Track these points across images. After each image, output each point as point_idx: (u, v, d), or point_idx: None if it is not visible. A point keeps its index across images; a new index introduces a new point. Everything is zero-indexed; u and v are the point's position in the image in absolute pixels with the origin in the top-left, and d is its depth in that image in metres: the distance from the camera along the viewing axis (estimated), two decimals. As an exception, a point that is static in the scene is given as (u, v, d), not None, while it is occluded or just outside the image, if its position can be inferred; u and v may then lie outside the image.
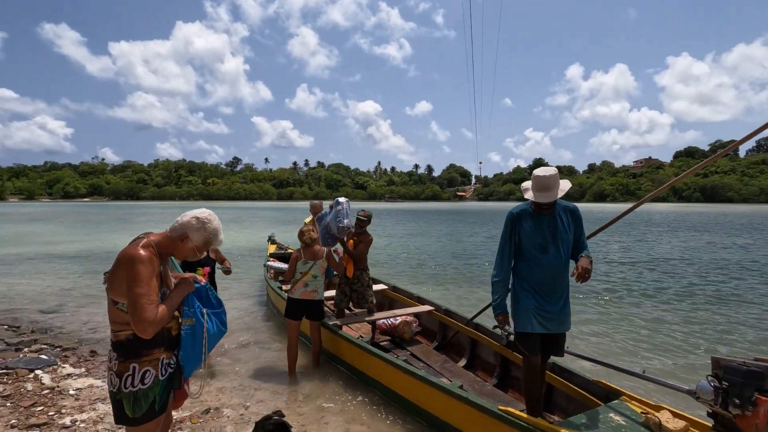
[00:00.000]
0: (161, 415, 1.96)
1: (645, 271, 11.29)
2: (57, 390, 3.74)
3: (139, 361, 1.83)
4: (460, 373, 4.11)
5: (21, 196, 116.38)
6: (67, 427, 3.09)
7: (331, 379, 4.12)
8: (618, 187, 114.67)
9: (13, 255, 13.85)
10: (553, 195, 2.62)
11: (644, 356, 5.12)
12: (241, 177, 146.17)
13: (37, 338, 5.21)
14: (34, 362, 4.28)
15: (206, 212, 2.03)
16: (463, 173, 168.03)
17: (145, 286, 1.76)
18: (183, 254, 1.99)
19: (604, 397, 2.88)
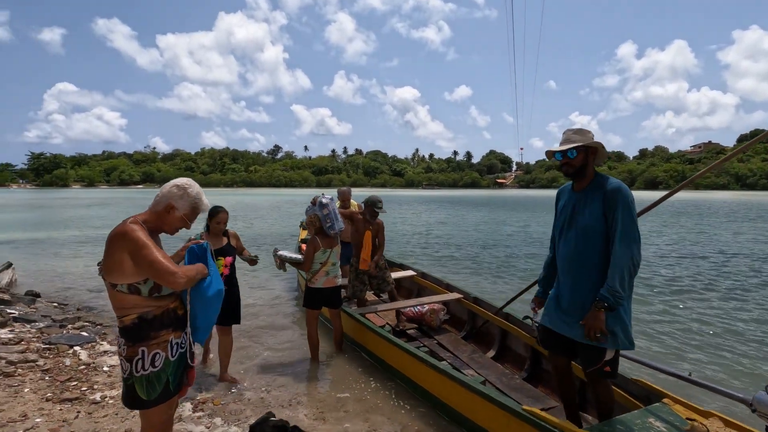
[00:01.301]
0: (176, 395, 1.94)
1: (695, 263, 10.46)
2: (92, 366, 3.90)
3: (147, 345, 1.81)
4: (488, 365, 3.92)
5: (83, 183, 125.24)
6: (96, 402, 3.20)
7: (353, 366, 4.05)
8: (672, 173, 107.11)
9: (72, 237, 14.87)
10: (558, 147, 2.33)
11: (691, 358, 4.69)
12: (282, 165, 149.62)
13: (81, 316, 5.50)
14: (75, 338, 4.50)
15: (184, 179, 2.00)
16: (504, 160, 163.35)
17: (151, 247, 1.74)
18: (173, 226, 1.94)
19: (644, 398, 2.61)
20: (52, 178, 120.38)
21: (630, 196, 2.11)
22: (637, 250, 2.09)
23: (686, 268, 9.80)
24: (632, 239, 2.09)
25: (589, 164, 2.28)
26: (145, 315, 1.81)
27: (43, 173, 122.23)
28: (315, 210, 4.00)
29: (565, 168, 2.30)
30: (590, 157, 2.27)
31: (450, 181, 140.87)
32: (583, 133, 2.29)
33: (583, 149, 2.26)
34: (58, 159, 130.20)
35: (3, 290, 6.34)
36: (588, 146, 2.26)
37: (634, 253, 2.08)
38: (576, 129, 2.31)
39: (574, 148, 2.24)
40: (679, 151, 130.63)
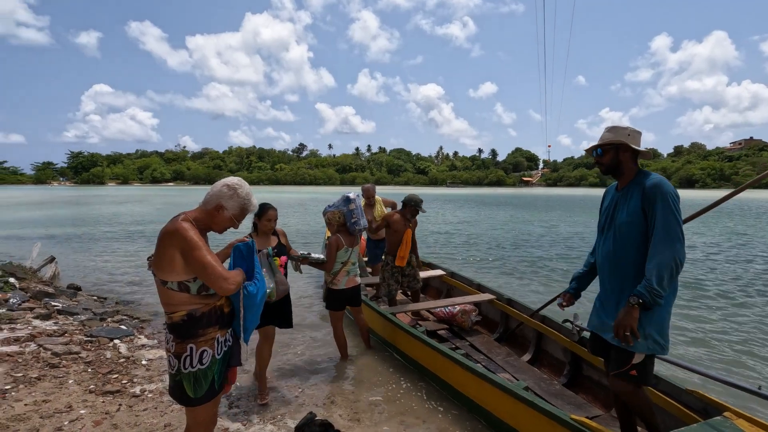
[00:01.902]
0: (221, 393, 1.95)
1: (750, 266, 9.91)
2: (131, 359, 4.00)
3: (195, 342, 1.82)
4: (524, 369, 3.80)
5: (118, 181, 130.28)
6: (136, 396, 3.27)
7: (385, 366, 4.00)
8: (710, 171, 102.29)
9: (108, 232, 15.43)
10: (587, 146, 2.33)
11: (750, 367, 4.42)
12: (307, 163, 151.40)
13: (119, 309, 5.66)
14: (115, 332, 4.63)
15: (235, 179, 1.99)
16: (530, 157, 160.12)
17: (203, 248, 1.76)
18: (221, 225, 1.94)
19: (701, 411, 2.45)
20: (89, 176, 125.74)
21: (671, 191, 2.01)
22: (680, 247, 1.97)
23: (738, 271, 9.30)
24: (674, 235, 1.96)
25: (622, 162, 2.19)
26: (193, 312, 1.81)
27: (81, 171, 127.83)
28: (338, 206, 3.93)
29: (598, 167, 2.29)
30: (623, 155, 2.19)
31: (474, 179, 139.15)
32: (615, 130, 2.22)
33: (612, 147, 2.20)
34: (95, 158, 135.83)
35: (47, 283, 6.62)
36: (616, 143, 2.18)
37: (677, 250, 1.96)
38: (610, 126, 2.25)
39: (601, 146, 2.23)
40: (718, 148, 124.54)
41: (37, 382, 3.35)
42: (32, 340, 4.19)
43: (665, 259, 1.94)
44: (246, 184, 2.00)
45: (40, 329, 4.51)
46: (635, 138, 2.19)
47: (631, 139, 2.16)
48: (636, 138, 2.19)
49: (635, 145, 2.16)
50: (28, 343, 4.09)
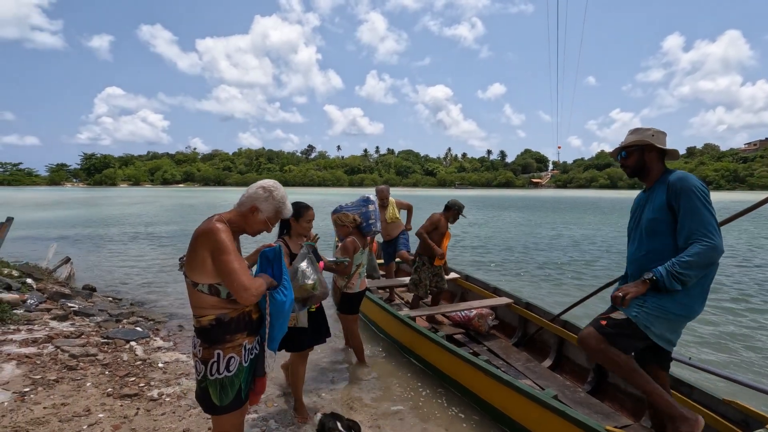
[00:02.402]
0: (246, 402, 1.91)
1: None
2: (148, 362, 3.98)
3: (223, 348, 1.78)
4: (545, 375, 3.71)
5: (129, 182, 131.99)
6: (154, 399, 3.24)
7: (403, 372, 3.93)
8: (724, 173, 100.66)
9: (122, 233, 15.58)
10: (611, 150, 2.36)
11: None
12: (315, 164, 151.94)
13: (134, 311, 5.67)
14: (131, 333, 4.62)
15: (270, 181, 1.96)
16: (540, 159, 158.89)
17: (232, 253, 1.71)
18: (255, 228, 1.91)
19: (741, 423, 2.35)
20: (101, 178, 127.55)
21: (698, 184, 1.97)
22: (716, 237, 1.91)
23: (751, 275, 9.08)
24: (709, 226, 1.91)
25: (648, 163, 2.17)
26: (222, 317, 1.77)
27: (93, 173, 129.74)
28: (355, 208, 3.87)
29: (624, 170, 2.27)
30: (648, 155, 2.16)
31: (483, 180, 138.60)
32: (638, 131, 2.20)
33: (636, 148, 2.18)
34: (108, 159, 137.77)
35: (63, 284, 6.66)
36: (639, 144, 2.16)
37: (713, 239, 1.90)
38: (633, 129, 2.24)
39: (625, 148, 2.21)
40: (732, 149, 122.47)
41: (55, 385, 3.34)
42: (50, 341, 4.19)
43: (700, 248, 1.89)
44: (281, 188, 1.97)
45: (57, 330, 4.52)
46: (659, 138, 2.15)
47: (656, 139, 2.13)
48: (660, 138, 2.15)
49: (660, 144, 2.13)
50: (45, 345, 4.10)
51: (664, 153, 2.16)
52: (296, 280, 2.53)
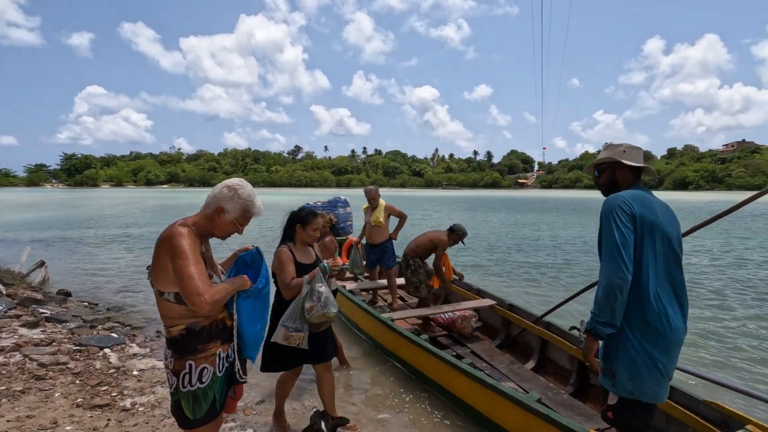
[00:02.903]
0: (221, 413, 1.82)
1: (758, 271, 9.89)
2: (122, 370, 3.84)
3: (195, 358, 1.69)
4: (529, 377, 3.69)
5: (111, 183, 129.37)
6: (126, 409, 3.12)
7: (386, 376, 3.88)
8: (703, 173, 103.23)
9: (101, 235, 15.20)
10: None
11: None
12: (302, 165, 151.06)
13: (111, 316, 5.50)
14: (105, 340, 4.47)
15: (236, 180, 1.86)
16: (525, 159, 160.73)
17: (190, 257, 1.61)
18: (223, 230, 1.82)
19: (721, 424, 2.35)
20: (82, 178, 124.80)
21: (608, 208, 1.80)
22: (611, 268, 1.71)
23: (749, 277, 9.26)
24: (606, 256, 1.75)
25: (620, 180, 1.97)
26: (193, 326, 1.69)
27: (74, 173, 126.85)
28: (329, 209, 3.82)
29: (598, 188, 2.09)
30: (619, 172, 1.98)
31: (470, 181, 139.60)
32: (610, 148, 2.04)
33: (608, 165, 2.02)
34: (89, 160, 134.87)
35: (36, 289, 6.44)
36: (610, 162, 2.00)
37: (608, 271, 1.72)
38: (607, 144, 2.09)
39: (596, 167, 2.07)
40: (710, 151, 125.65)
41: (21, 396, 3.19)
42: (18, 350, 4.02)
43: (601, 282, 1.75)
44: (248, 185, 1.87)
45: (27, 338, 4.34)
46: (632, 154, 1.97)
47: (627, 156, 1.96)
48: (633, 154, 1.97)
49: (631, 161, 1.95)
50: (12, 354, 3.93)
51: (640, 170, 1.98)
52: (317, 304, 2.44)
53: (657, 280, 1.76)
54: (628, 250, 1.72)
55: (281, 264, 2.61)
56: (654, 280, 1.75)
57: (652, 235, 1.77)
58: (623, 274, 1.70)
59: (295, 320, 2.49)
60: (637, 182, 1.98)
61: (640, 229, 1.76)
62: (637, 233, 1.75)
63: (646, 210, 1.78)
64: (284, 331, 2.49)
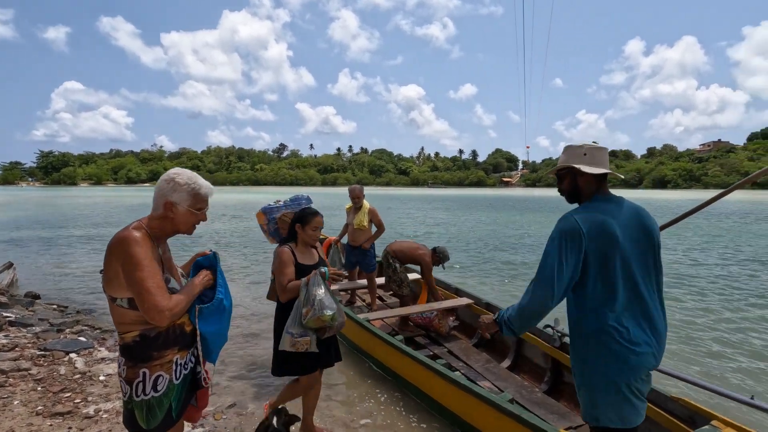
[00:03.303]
0: (179, 421, 1.75)
1: (730, 269, 10.13)
2: (88, 375, 3.71)
3: (149, 366, 1.62)
4: (504, 376, 3.69)
5: (90, 181, 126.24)
6: (89, 417, 3.01)
7: (361, 377, 3.83)
8: (681, 172, 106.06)
9: (76, 235, 14.78)
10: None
11: (732, 374, 4.42)
12: (288, 163, 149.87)
13: (80, 319, 5.33)
14: (72, 344, 4.32)
15: (171, 170, 1.77)
16: (510, 158, 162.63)
17: (146, 268, 1.54)
18: (185, 223, 1.74)
19: (688, 420, 2.37)
20: (60, 176, 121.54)
21: (555, 229, 1.68)
22: (542, 293, 1.64)
23: (720, 275, 9.48)
24: (540, 279, 1.67)
25: (583, 188, 1.76)
26: (147, 332, 1.61)
27: (51, 171, 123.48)
28: (293, 206, 3.70)
29: (561, 194, 1.89)
30: (580, 179, 1.76)
31: (456, 179, 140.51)
32: (569, 150, 1.81)
33: (567, 171, 1.80)
34: (67, 157, 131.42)
35: (2, 291, 6.20)
36: (568, 168, 1.78)
37: (539, 296, 1.65)
38: (566, 146, 1.84)
39: (556, 174, 1.86)
40: (688, 150, 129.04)
41: (-23, 405, 3.05)
42: (-23, 356, 3.85)
43: (529, 301, 1.68)
44: (185, 170, 1.78)
45: (-12, 343, 4.16)
46: (594, 156, 1.73)
47: (588, 160, 1.73)
48: (596, 156, 1.74)
49: (593, 165, 1.72)
50: (-28, 360, 3.76)
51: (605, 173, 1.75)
52: (312, 308, 2.33)
53: (621, 306, 1.61)
54: (561, 282, 1.62)
55: (280, 264, 2.53)
56: (615, 306, 1.61)
57: (608, 259, 1.61)
58: (550, 303, 1.64)
59: (299, 325, 2.40)
60: (602, 187, 1.76)
61: (594, 257, 1.61)
62: (589, 262, 1.62)
63: (602, 232, 1.61)
64: (290, 338, 2.39)
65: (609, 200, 1.72)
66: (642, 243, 1.67)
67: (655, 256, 1.70)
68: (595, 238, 1.61)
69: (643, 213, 1.73)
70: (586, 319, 1.66)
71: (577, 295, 1.69)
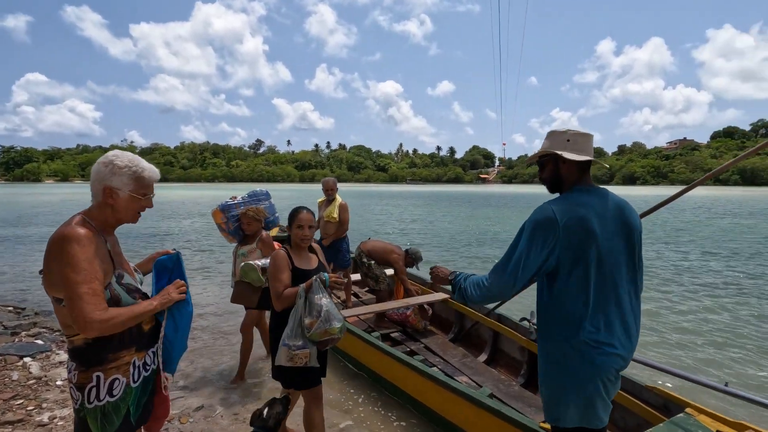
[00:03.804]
0: (140, 427, 1.61)
1: (701, 258, 10.47)
2: (44, 380, 3.48)
3: (103, 369, 1.47)
4: (481, 370, 3.66)
5: (56, 178, 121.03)
6: (43, 424, 2.81)
7: (339, 377, 3.72)
8: (649, 169, 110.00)
9: (34, 234, 14.07)
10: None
11: (702, 360, 4.53)
12: (264, 159, 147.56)
13: (37, 321, 5.04)
14: (27, 348, 4.06)
15: (109, 153, 1.61)
16: (487, 155, 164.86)
17: (83, 271, 1.38)
18: (129, 211, 1.59)
19: (662, 408, 2.38)
20: (23, 173, 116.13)
21: (531, 218, 1.60)
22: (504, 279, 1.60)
23: (690, 265, 9.78)
24: (505, 265, 1.62)
25: (565, 176, 1.67)
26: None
27: (13, 167, 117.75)
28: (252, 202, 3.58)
29: (542, 183, 1.79)
30: (563, 167, 1.66)
31: (434, 176, 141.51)
32: (552, 136, 1.71)
33: (549, 158, 1.70)
34: (30, 153, 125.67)
35: (-48, 293, 5.80)
36: (551, 155, 1.68)
37: (501, 281, 1.62)
38: (550, 132, 1.75)
39: (536, 161, 1.78)
40: (656, 148, 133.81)
41: None
42: None
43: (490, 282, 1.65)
44: (125, 153, 1.63)
45: (-68, 349, 3.86)
46: (577, 144, 1.64)
47: (572, 146, 1.64)
48: (580, 143, 1.65)
49: (576, 152, 1.63)
50: None
51: (589, 162, 1.66)
52: (318, 320, 2.11)
53: (593, 303, 1.53)
54: (526, 273, 1.57)
55: (274, 269, 2.28)
56: (586, 303, 1.53)
57: (583, 255, 1.53)
58: (508, 292, 1.64)
59: (297, 337, 2.14)
60: (585, 176, 1.67)
61: (568, 251, 1.53)
62: (562, 257, 1.54)
63: (579, 226, 1.52)
64: (286, 351, 2.13)
65: (591, 192, 1.62)
66: (622, 239, 1.59)
67: (635, 253, 1.63)
68: (571, 232, 1.52)
69: (627, 208, 1.64)
70: (554, 315, 1.60)
71: (548, 288, 1.62)
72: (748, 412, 3.22)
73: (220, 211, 3.51)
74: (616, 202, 1.63)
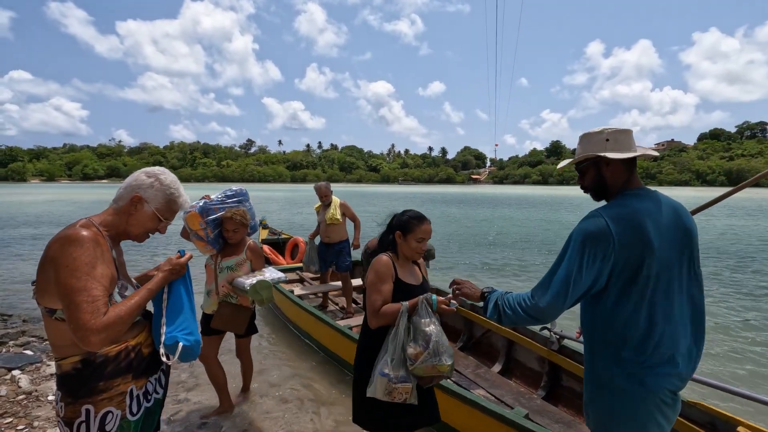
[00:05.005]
0: None
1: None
2: (34, 395, 3.25)
3: (93, 401, 1.28)
4: (498, 383, 3.51)
5: (42, 178, 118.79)
6: (34, 446, 2.60)
7: (347, 393, 3.55)
8: (638, 171, 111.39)
9: (20, 237, 13.66)
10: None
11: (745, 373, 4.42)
12: (255, 159, 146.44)
13: (26, 329, 4.77)
14: (16, 359, 3.82)
15: (157, 167, 1.52)
16: (478, 156, 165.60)
17: (84, 276, 1.21)
18: (141, 226, 1.44)
19: (709, 426, 2.24)
20: (7, 173, 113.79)
21: (578, 231, 1.44)
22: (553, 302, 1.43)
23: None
24: (556, 284, 1.44)
25: (609, 179, 1.52)
26: (91, 357, 1.29)
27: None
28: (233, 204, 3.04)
29: (585, 192, 1.63)
30: (606, 169, 1.52)
31: (426, 176, 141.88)
32: (587, 138, 1.56)
33: (590, 163, 1.55)
34: (14, 152, 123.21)
35: (-67, 300, 5.50)
36: (591, 159, 1.53)
37: (549, 303, 1.43)
38: (583, 134, 1.59)
39: (576, 165, 1.61)
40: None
41: None
42: None
43: (537, 302, 1.46)
44: (170, 173, 1.52)
45: None
46: (618, 141, 1.50)
47: (612, 146, 1.50)
48: (621, 141, 1.50)
49: (618, 151, 1.49)
50: None
51: (634, 159, 1.51)
52: (426, 352, 1.76)
53: (647, 321, 1.38)
54: (576, 292, 1.41)
55: (376, 277, 1.92)
56: (639, 321, 1.38)
57: (641, 269, 1.37)
58: (557, 312, 1.45)
59: (398, 366, 1.79)
60: (633, 177, 1.52)
61: (624, 266, 1.37)
62: (617, 272, 1.38)
63: (637, 237, 1.37)
64: (385, 383, 1.77)
65: (643, 196, 1.45)
66: (680, 247, 1.43)
67: (694, 261, 1.47)
68: (628, 245, 1.36)
69: (682, 211, 1.49)
70: (604, 334, 1.44)
71: (596, 304, 1.46)
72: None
73: (199, 214, 2.80)
74: (671, 205, 1.48)
